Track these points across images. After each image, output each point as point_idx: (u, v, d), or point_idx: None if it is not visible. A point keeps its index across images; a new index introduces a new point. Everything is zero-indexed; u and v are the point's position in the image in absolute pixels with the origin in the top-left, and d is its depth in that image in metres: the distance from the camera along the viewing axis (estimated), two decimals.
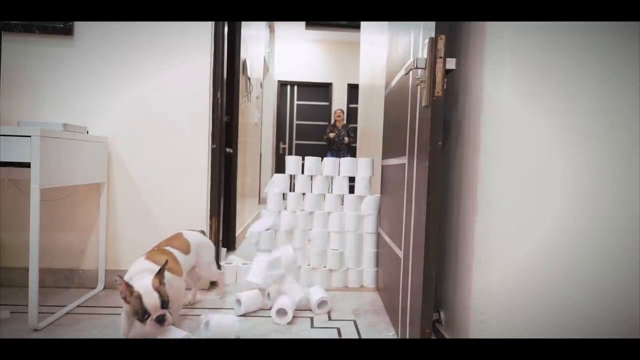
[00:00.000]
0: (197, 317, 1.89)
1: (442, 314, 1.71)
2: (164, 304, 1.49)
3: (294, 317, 1.93)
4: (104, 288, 2.26)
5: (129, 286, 1.48)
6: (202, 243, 2.00)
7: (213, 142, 2.38)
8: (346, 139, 6.46)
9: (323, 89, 7.53)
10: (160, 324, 1.47)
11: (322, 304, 2.08)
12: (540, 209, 1.09)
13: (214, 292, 2.28)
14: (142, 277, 1.52)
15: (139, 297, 1.45)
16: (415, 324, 1.45)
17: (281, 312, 1.92)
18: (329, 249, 2.50)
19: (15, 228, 2.25)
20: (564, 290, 0.99)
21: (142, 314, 1.46)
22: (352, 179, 2.55)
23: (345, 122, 6.75)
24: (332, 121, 6.91)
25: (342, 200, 2.55)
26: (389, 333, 1.83)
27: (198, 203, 2.34)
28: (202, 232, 2.09)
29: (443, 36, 1.35)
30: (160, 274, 1.53)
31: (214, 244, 2.41)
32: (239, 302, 2.00)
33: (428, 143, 1.37)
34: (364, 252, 2.52)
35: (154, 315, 1.46)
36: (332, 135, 6.50)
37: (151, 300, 1.46)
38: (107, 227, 2.29)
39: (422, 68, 1.40)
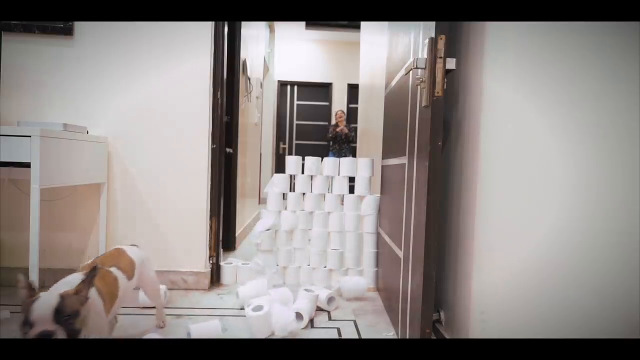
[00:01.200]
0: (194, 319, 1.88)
1: (442, 314, 1.71)
2: (61, 318, 1.06)
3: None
4: None
5: (31, 289, 1.12)
6: (145, 260, 1.68)
7: (213, 142, 2.38)
8: (345, 129, 6.43)
9: (323, 89, 7.53)
10: None
11: (330, 300, 2.11)
12: (540, 209, 1.09)
13: (155, 321, 1.82)
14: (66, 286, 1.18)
15: (31, 303, 1.07)
16: (415, 324, 1.45)
17: (297, 315, 1.87)
18: (329, 249, 2.50)
19: (15, 228, 2.25)
20: (564, 290, 0.99)
21: (22, 323, 1.05)
22: (352, 179, 2.55)
23: (345, 122, 6.75)
24: (334, 122, 6.91)
25: (342, 200, 2.55)
26: (389, 333, 1.83)
27: (198, 203, 2.34)
28: (136, 245, 1.74)
29: (443, 36, 1.35)
30: (84, 283, 1.15)
31: (214, 244, 2.42)
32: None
33: (428, 143, 1.37)
34: (364, 252, 2.52)
35: (37, 328, 1.04)
36: (338, 129, 6.46)
37: (43, 307, 1.05)
38: (107, 227, 2.29)
39: (422, 68, 1.40)
